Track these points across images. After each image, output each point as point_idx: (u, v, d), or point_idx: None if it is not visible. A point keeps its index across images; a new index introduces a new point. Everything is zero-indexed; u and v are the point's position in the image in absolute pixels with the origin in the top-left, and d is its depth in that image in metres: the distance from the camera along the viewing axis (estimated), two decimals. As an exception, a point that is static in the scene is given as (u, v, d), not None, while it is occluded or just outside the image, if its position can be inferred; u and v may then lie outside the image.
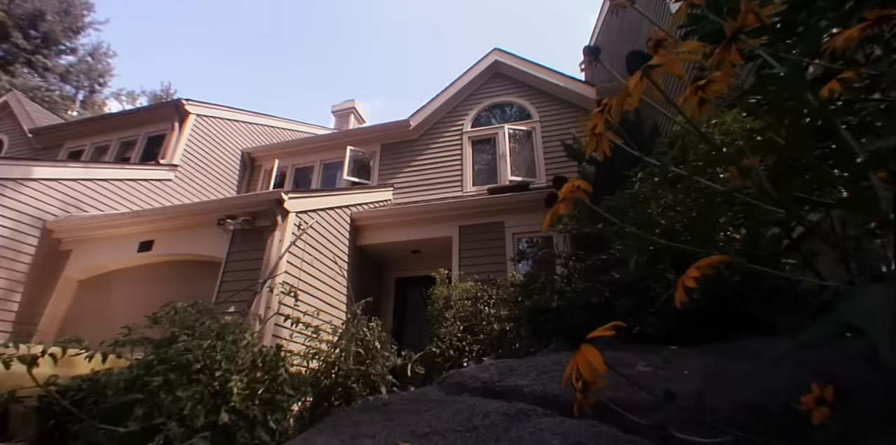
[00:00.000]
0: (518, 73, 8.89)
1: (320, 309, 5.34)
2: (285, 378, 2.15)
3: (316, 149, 9.40)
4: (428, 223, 6.43)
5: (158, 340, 2.11)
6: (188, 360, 1.95)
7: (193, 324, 2.19)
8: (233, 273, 4.85)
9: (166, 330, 2.16)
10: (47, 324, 5.32)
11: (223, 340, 2.14)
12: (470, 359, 3.50)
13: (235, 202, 5.04)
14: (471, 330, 3.98)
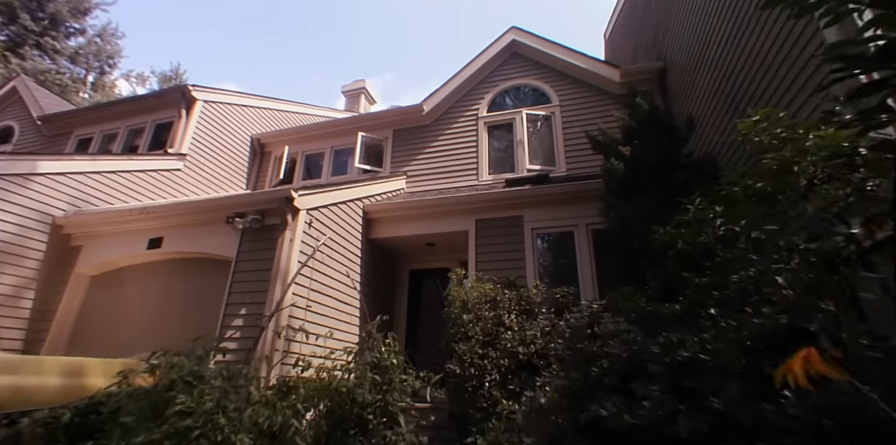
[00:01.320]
0: (537, 54, 8.34)
1: (334, 307, 5.18)
2: (297, 428, 1.93)
3: (326, 134, 9.06)
4: (443, 216, 6.14)
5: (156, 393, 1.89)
6: (187, 427, 1.74)
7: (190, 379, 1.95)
8: (244, 273, 4.66)
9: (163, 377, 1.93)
10: (61, 322, 5.25)
11: (226, 402, 1.90)
12: (492, 386, 3.27)
13: (243, 199, 4.80)
14: (492, 345, 3.75)
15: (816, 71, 2.93)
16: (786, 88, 3.44)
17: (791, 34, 3.34)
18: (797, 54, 3.28)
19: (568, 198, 5.62)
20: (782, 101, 3.46)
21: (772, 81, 3.65)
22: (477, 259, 5.73)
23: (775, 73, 3.63)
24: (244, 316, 4.41)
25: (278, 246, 4.55)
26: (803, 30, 3.19)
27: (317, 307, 4.86)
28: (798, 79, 3.24)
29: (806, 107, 3.11)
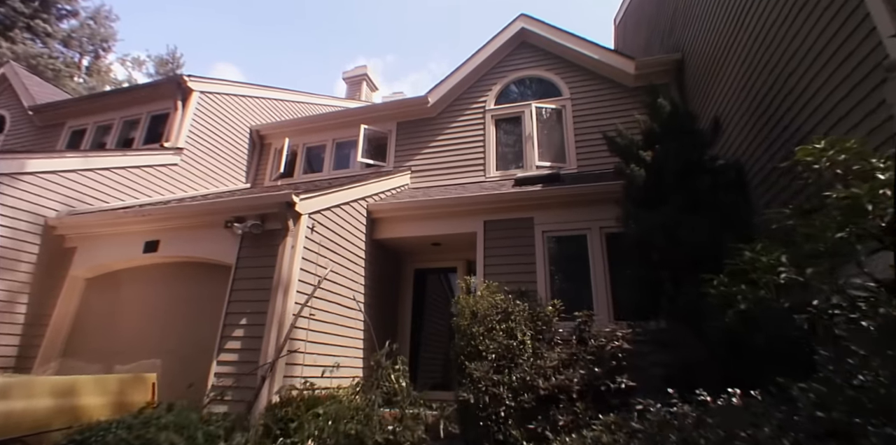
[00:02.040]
0: (547, 43, 7.95)
1: (338, 313, 5.00)
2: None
3: (328, 126, 8.73)
4: (450, 217, 5.90)
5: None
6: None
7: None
8: (244, 281, 4.44)
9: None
10: (57, 327, 5.07)
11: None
12: (510, 419, 3.07)
13: (242, 203, 4.54)
14: (508, 368, 3.55)
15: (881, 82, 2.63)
16: (834, 98, 3.13)
17: (841, 31, 3.03)
18: (843, 58, 2.97)
19: (581, 201, 5.37)
20: (829, 111, 3.17)
21: (813, 85, 3.35)
22: (485, 262, 5.51)
23: (816, 74, 3.33)
24: (245, 327, 4.22)
25: (279, 254, 4.33)
26: (856, 28, 2.88)
27: (320, 315, 4.68)
28: (854, 91, 2.93)
29: (864, 125, 2.80)
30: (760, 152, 4.31)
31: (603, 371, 2.98)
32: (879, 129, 2.67)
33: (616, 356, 3.00)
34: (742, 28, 4.67)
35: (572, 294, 5.09)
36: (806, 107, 3.51)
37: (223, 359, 4.14)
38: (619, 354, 3.00)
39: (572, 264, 5.24)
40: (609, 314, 4.86)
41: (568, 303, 5.01)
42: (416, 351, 6.56)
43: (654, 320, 3.61)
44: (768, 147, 4.14)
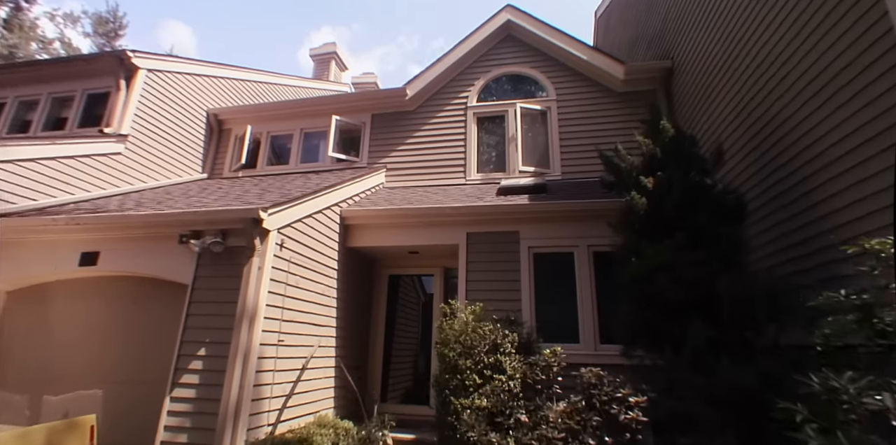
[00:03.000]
0: (534, 39, 7.50)
1: (309, 334, 4.56)
2: None
3: (296, 114, 7.96)
4: (431, 226, 5.49)
5: None
6: None
7: None
8: (203, 304, 3.89)
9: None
10: (-27, 349, 4.32)
11: None
12: None
13: (199, 217, 3.93)
14: (503, 419, 3.29)
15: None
16: (842, 131, 2.92)
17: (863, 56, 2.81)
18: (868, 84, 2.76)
19: (569, 216, 5.11)
20: (833, 144, 2.96)
21: (830, 120, 3.15)
22: (468, 277, 5.19)
23: (822, 106, 3.12)
24: (204, 358, 3.70)
25: (245, 276, 3.80)
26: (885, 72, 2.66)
27: (290, 338, 4.22)
28: (864, 128, 2.73)
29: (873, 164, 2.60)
30: (757, 179, 4.17)
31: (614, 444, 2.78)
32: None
33: (630, 428, 2.81)
34: (742, 48, 4.45)
35: (558, 315, 4.90)
36: (806, 138, 3.35)
37: (179, 395, 3.63)
38: (634, 425, 2.82)
39: (558, 283, 5.02)
40: (595, 337, 4.70)
41: (553, 325, 4.84)
42: (388, 358, 6.24)
43: (648, 356, 3.45)
44: (767, 175, 3.99)
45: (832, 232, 3.19)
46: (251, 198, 4.63)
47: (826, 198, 3.26)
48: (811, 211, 3.42)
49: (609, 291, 4.84)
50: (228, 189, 5.84)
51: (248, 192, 5.21)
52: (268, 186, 5.78)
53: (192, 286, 3.96)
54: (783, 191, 3.74)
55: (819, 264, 3.27)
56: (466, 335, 3.86)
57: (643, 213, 3.72)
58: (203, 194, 5.44)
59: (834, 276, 3.13)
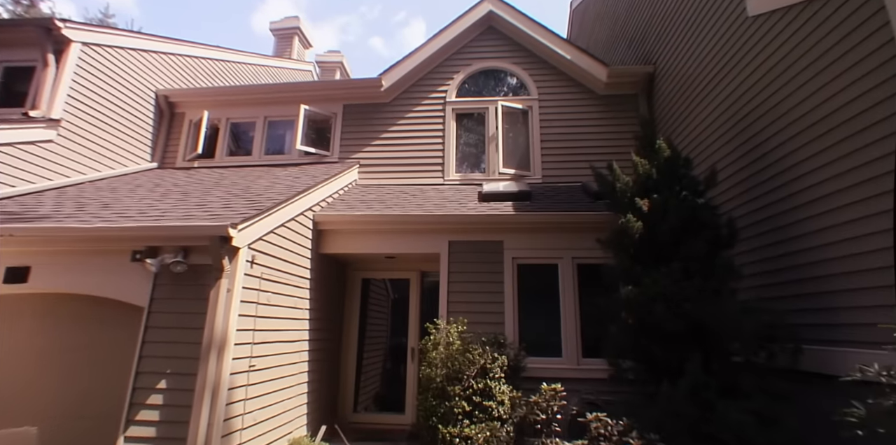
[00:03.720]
0: (516, 33, 7.16)
1: (282, 352, 4.21)
2: None
3: (259, 101, 7.25)
4: (411, 233, 5.19)
5: None
6: None
7: None
8: (162, 330, 3.42)
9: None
10: None
11: None
12: None
13: (158, 232, 3.41)
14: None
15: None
16: (835, 168, 2.88)
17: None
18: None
19: (555, 228, 4.97)
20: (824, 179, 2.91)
21: (810, 147, 3.11)
22: (450, 288, 4.97)
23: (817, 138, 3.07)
24: (165, 392, 3.27)
25: (212, 300, 3.36)
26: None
27: (262, 360, 3.85)
28: (856, 154, 2.69)
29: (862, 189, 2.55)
30: (743, 199, 4.17)
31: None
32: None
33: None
34: (729, 68, 4.37)
35: (541, 328, 4.81)
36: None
37: (136, 435, 3.21)
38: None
39: (542, 295, 4.91)
40: (578, 351, 4.66)
41: (536, 339, 4.75)
42: (360, 365, 5.97)
43: (642, 384, 3.40)
44: (755, 197, 3.99)
45: (823, 263, 3.22)
46: (215, 205, 4.10)
47: (820, 230, 3.26)
48: (802, 239, 3.44)
49: (592, 305, 4.79)
50: (186, 187, 5.20)
51: (209, 195, 4.65)
52: (231, 185, 5.20)
53: (149, 309, 3.47)
54: (773, 216, 3.74)
55: (812, 293, 3.30)
56: (454, 360, 3.66)
57: (637, 238, 3.61)
58: (156, 194, 4.81)
59: (828, 307, 3.17)
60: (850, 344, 2.96)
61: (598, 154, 6.50)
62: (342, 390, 5.72)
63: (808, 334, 3.21)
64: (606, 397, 4.31)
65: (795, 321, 3.31)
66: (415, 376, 5.75)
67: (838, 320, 3.08)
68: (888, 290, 2.71)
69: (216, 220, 3.45)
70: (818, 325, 3.21)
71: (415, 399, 5.62)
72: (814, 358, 3.11)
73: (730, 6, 4.46)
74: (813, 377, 3.10)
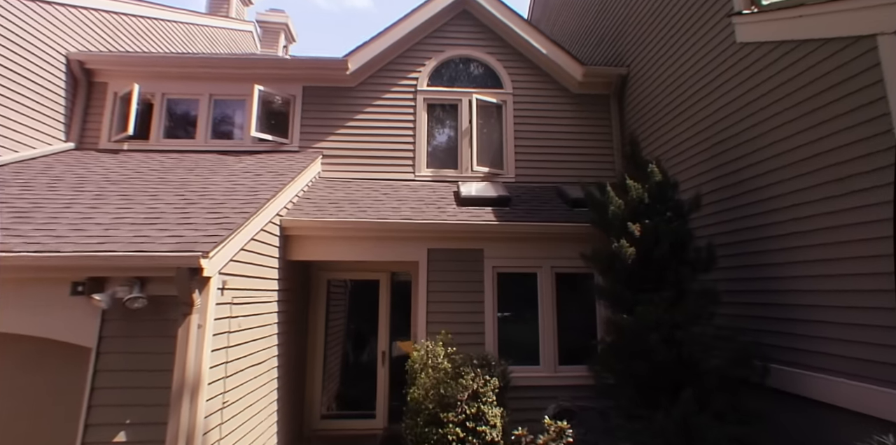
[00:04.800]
0: (492, 20, 6.73)
1: (253, 376, 3.86)
2: None
3: (203, 75, 6.24)
4: (388, 241, 4.86)
5: None
6: None
7: None
8: (117, 374, 2.90)
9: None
10: None
11: None
12: None
13: (107, 262, 2.79)
14: None
15: None
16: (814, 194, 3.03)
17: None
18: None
19: (536, 237, 4.90)
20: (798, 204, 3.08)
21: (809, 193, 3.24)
22: (429, 298, 4.78)
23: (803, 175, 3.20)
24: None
25: (181, 340, 2.89)
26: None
27: (233, 392, 3.47)
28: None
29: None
30: (715, 220, 4.33)
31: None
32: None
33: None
34: (712, 87, 4.40)
35: (519, 336, 4.82)
36: (773, 201, 3.48)
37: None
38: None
39: (521, 304, 4.89)
40: (555, 359, 4.76)
41: (515, 347, 4.77)
42: (326, 368, 5.70)
43: (635, 410, 3.49)
44: (727, 220, 4.15)
45: (789, 293, 3.45)
46: (170, 218, 3.47)
47: (787, 263, 3.46)
48: (771, 268, 3.64)
49: (570, 313, 4.88)
50: (123, 184, 4.38)
51: (158, 200, 3.94)
52: (182, 184, 4.46)
53: (98, 349, 2.92)
54: (745, 241, 3.92)
55: (783, 318, 3.53)
56: (446, 385, 3.54)
57: (629, 264, 3.63)
58: (86, 195, 3.99)
59: (791, 333, 3.42)
60: (808, 368, 3.25)
61: (571, 154, 6.48)
62: (308, 398, 5.46)
63: (777, 355, 3.47)
64: (582, 403, 4.48)
65: (766, 341, 3.56)
66: (385, 380, 5.62)
67: (800, 345, 3.35)
68: (842, 325, 2.97)
69: (181, 246, 2.92)
70: (784, 348, 3.47)
71: (386, 404, 5.56)
72: (782, 377, 3.38)
73: (716, 26, 4.42)
74: (782, 394, 3.38)
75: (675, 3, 5.14)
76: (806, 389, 3.23)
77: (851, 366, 2.94)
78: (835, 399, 3.02)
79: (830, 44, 3.20)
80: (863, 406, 2.84)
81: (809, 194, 3.31)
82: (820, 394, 3.13)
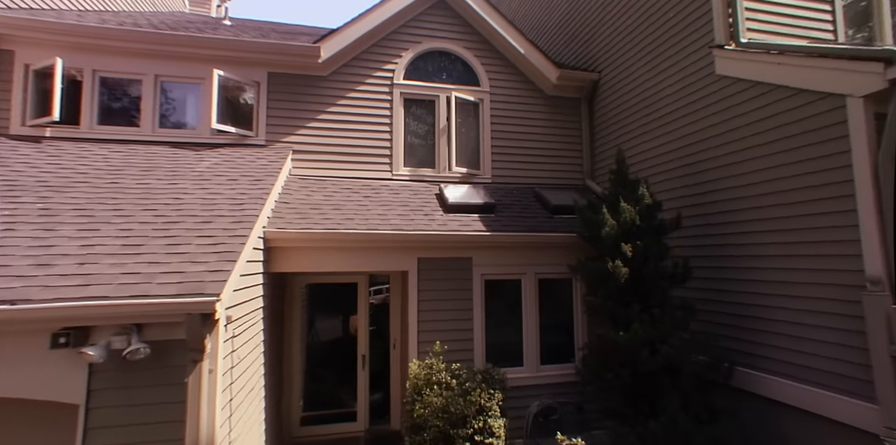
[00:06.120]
0: (469, 13, 6.46)
1: (248, 401, 3.65)
2: None
3: (145, 52, 5.30)
4: (377, 251, 4.67)
5: None
6: None
7: None
8: (112, 431, 2.53)
9: None
10: None
11: None
12: None
13: (106, 311, 2.37)
14: None
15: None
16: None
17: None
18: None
19: (521, 246, 5.01)
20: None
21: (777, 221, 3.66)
22: (420, 307, 4.74)
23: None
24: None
25: (192, 388, 2.59)
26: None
27: (239, 425, 3.24)
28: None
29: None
30: (687, 234, 4.73)
31: None
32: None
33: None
34: (689, 110, 4.68)
35: (504, 339, 5.00)
36: (738, 225, 3.90)
37: None
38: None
39: (505, 309, 5.04)
40: (537, 360, 5.02)
41: (500, 350, 4.95)
42: (306, 374, 5.49)
43: (627, 417, 3.81)
44: (698, 235, 4.56)
45: (749, 306, 3.93)
46: (155, 244, 2.99)
47: (748, 280, 3.92)
48: (735, 283, 4.10)
49: (550, 316, 5.13)
50: (69, 191, 3.66)
51: (126, 216, 3.36)
52: (146, 193, 3.83)
53: (88, 404, 2.52)
54: (713, 256, 4.35)
55: (741, 327, 4.03)
56: (455, 404, 3.60)
57: (622, 283, 3.87)
58: (22, 208, 3.30)
59: (751, 340, 3.92)
60: (764, 370, 3.79)
61: (543, 156, 6.60)
62: (286, 406, 5.27)
63: (738, 358, 3.98)
64: (561, 399, 4.84)
65: (729, 346, 4.05)
66: (366, 383, 5.58)
67: (758, 352, 3.87)
68: (790, 337, 3.50)
69: (187, 286, 2.56)
70: (744, 352, 3.99)
71: (367, 406, 5.54)
72: (741, 378, 3.90)
73: (697, 52, 4.63)
74: (740, 392, 3.91)
75: (655, 22, 5.27)
76: (761, 388, 3.77)
77: (797, 371, 3.48)
78: (783, 397, 3.58)
79: (805, 94, 3.52)
80: (803, 403, 3.40)
81: (768, 224, 3.74)
82: (771, 393, 3.68)
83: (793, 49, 3.68)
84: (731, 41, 4.28)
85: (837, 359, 3.17)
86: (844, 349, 3.13)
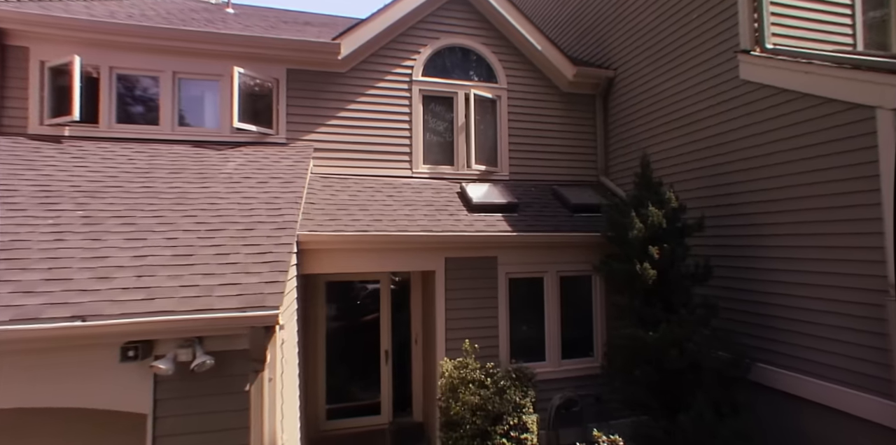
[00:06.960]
0: (486, 8, 6.38)
1: (289, 400, 3.72)
2: None
3: (162, 49, 5.16)
4: (406, 252, 4.71)
5: None
6: None
7: None
8: (180, 439, 2.62)
9: None
10: None
11: None
12: None
13: (164, 326, 2.40)
14: None
15: None
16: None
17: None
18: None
19: (544, 245, 5.09)
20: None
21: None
22: (447, 306, 4.82)
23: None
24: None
25: (255, 398, 2.66)
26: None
27: (286, 432, 3.33)
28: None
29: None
30: (708, 234, 4.84)
31: None
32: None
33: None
34: (710, 112, 4.73)
35: (527, 336, 5.12)
36: (762, 228, 4.01)
37: None
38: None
39: (528, 306, 5.14)
40: (559, 355, 5.16)
41: (523, 346, 5.08)
42: (327, 367, 5.59)
43: (655, 414, 3.96)
44: (719, 235, 4.67)
45: (767, 305, 4.07)
46: (203, 253, 3.00)
47: (765, 281, 4.06)
48: (753, 283, 4.23)
49: (570, 312, 5.25)
50: (104, 196, 3.62)
51: (170, 225, 3.35)
52: (181, 197, 3.81)
53: (155, 413, 2.58)
54: (735, 256, 4.47)
55: (760, 325, 4.18)
56: (493, 402, 3.72)
57: (649, 285, 3.98)
58: (64, 216, 3.26)
59: (771, 338, 4.09)
60: (783, 367, 3.96)
61: (559, 153, 6.63)
62: (312, 399, 5.38)
63: (756, 354, 4.14)
64: (582, 392, 5.01)
65: (749, 343, 4.21)
66: (389, 378, 5.71)
67: (777, 349, 4.04)
68: (804, 335, 3.66)
69: (248, 299, 2.60)
70: (763, 349, 4.15)
71: (390, 399, 5.68)
72: (760, 373, 4.08)
73: (720, 55, 4.64)
74: (758, 386, 4.09)
75: (676, 23, 5.25)
76: (780, 384, 3.95)
77: (817, 368, 3.65)
78: (803, 393, 3.76)
79: (834, 103, 3.58)
80: (822, 398, 3.58)
81: (792, 228, 3.85)
82: (790, 388, 3.86)
83: (821, 57, 3.72)
84: (756, 46, 4.30)
85: (859, 359, 3.34)
86: (866, 349, 3.29)
